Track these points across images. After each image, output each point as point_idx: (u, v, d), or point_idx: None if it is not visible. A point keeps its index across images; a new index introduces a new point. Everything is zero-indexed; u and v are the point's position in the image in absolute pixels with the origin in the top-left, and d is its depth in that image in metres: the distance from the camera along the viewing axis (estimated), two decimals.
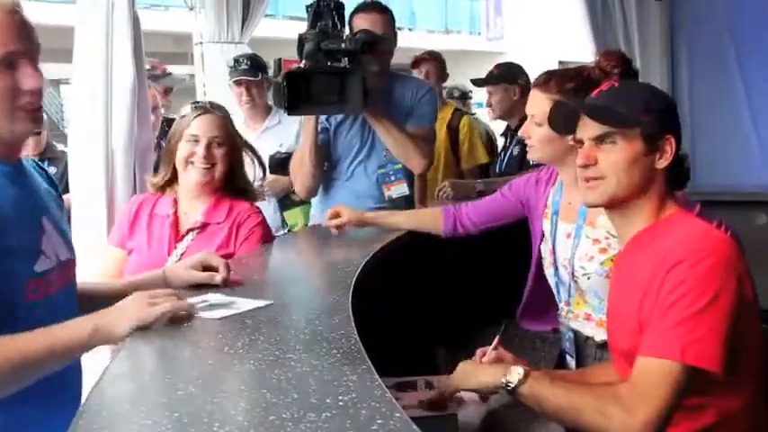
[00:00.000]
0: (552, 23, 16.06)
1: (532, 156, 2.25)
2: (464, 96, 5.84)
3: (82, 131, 2.85)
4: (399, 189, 3.05)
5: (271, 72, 5.63)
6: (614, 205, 1.65)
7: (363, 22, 2.93)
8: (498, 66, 4.22)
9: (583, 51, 4.98)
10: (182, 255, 2.27)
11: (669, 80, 4.89)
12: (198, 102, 2.49)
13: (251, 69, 3.78)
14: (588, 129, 1.64)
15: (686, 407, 1.48)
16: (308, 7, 2.82)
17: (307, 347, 1.31)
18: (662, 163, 1.60)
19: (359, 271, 1.87)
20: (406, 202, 3.10)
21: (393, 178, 3.05)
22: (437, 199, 3.48)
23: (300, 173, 3.02)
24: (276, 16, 13.92)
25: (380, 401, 1.06)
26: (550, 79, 2.14)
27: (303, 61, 2.75)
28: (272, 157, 3.44)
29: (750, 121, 4.80)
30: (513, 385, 1.53)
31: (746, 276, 1.52)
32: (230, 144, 2.39)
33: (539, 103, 2.13)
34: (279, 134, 3.72)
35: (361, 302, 1.63)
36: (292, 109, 2.75)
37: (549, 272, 2.29)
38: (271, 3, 5.79)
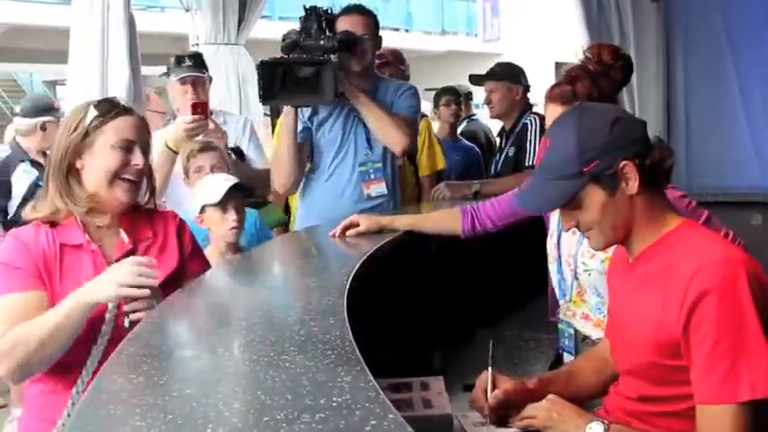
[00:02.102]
0: (549, 25, 16.08)
1: None
2: (466, 97, 5.77)
3: None
4: (378, 188, 3.06)
5: None
6: (617, 243, 1.66)
7: (344, 24, 3.00)
8: (500, 64, 4.17)
9: (579, 52, 4.98)
10: None
11: (665, 81, 4.89)
12: (108, 99, 2.05)
13: (195, 66, 3.57)
14: None
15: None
16: (300, 18, 2.89)
17: (301, 349, 1.31)
18: (632, 188, 1.55)
19: (354, 272, 1.87)
20: (393, 205, 3.12)
21: (372, 177, 3.06)
22: (433, 201, 3.48)
23: (279, 171, 3.05)
24: (272, 17, 13.93)
25: (374, 403, 1.06)
26: (565, 90, 2.12)
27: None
28: None
29: (745, 121, 4.81)
30: None
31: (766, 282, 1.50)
32: (150, 153, 2.03)
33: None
34: None
35: (357, 303, 1.63)
36: (267, 98, 2.83)
37: (551, 267, 2.29)
38: (267, 4, 5.80)
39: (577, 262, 2.14)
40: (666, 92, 4.84)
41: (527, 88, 3.99)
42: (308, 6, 2.89)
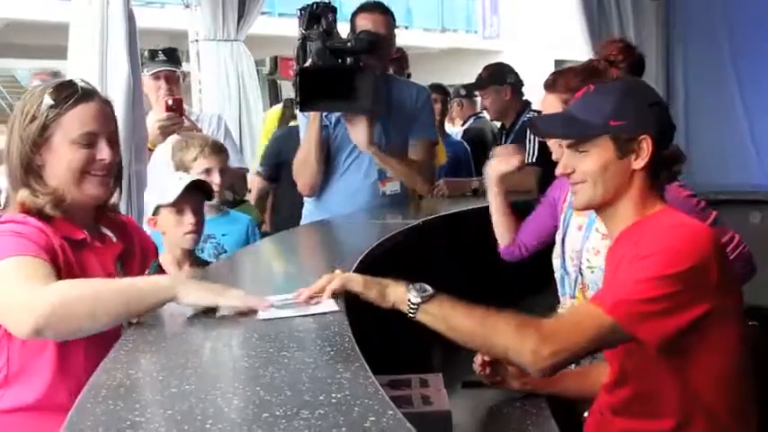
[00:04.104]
0: (548, 22, 16.07)
1: (555, 157, 2.25)
2: (471, 95, 5.76)
3: None
4: (393, 186, 3.09)
5: (266, 70, 5.64)
6: (597, 208, 1.68)
7: (366, 23, 2.96)
8: (486, 68, 4.20)
9: (579, 50, 4.98)
10: None
11: (664, 79, 4.89)
12: (66, 82, 1.72)
13: (169, 61, 3.45)
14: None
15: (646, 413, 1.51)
16: (301, 10, 2.85)
17: (300, 345, 1.31)
18: (639, 163, 1.59)
19: (353, 268, 1.87)
20: (403, 200, 3.12)
21: (389, 174, 3.07)
22: (432, 198, 3.48)
23: (305, 172, 3.05)
24: (272, 14, 13.91)
25: (373, 399, 1.06)
26: (557, 79, 2.17)
27: (310, 60, 2.80)
28: None
29: (745, 120, 4.81)
30: (418, 303, 1.50)
31: (718, 266, 1.51)
32: (119, 142, 1.80)
33: (550, 105, 2.16)
34: None
35: (357, 300, 1.63)
36: (305, 106, 2.81)
37: (555, 262, 2.30)
38: (266, 0, 5.80)
39: (582, 258, 2.15)
40: (666, 90, 4.84)
41: (516, 85, 4.01)
42: (318, 2, 2.85)
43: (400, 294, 1.52)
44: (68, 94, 1.65)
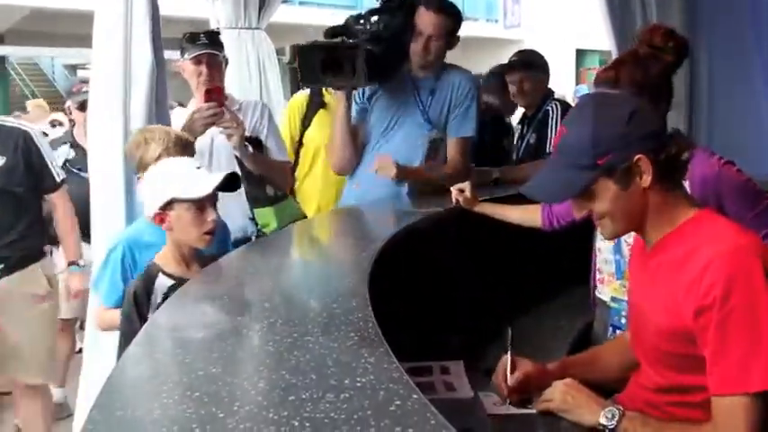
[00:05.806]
0: (569, 11, 15.96)
1: None
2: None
3: (101, 116, 2.87)
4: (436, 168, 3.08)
5: (287, 58, 5.64)
6: (628, 232, 1.67)
7: (419, 19, 3.05)
8: (527, 52, 4.11)
9: (600, 39, 4.94)
10: None
11: (688, 68, 4.84)
12: None
13: (210, 45, 3.15)
14: None
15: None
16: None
17: (324, 330, 1.33)
18: (645, 182, 1.52)
19: (376, 255, 1.88)
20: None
21: (431, 154, 3.08)
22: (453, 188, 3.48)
23: (332, 152, 3.11)
24: (293, 2, 13.92)
25: (398, 384, 1.07)
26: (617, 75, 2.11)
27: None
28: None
29: (767, 110, 4.75)
30: (611, 428, 1.55)
31: None
32: None
33: None
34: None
35: (378, 287, 1.64)
36: (307, 81, 3.05)
37: (606, 245, 2.28)
38: None
39: None
40: (689, 81, 4.79)
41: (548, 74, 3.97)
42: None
43: (593, 419, 1.59)
44: None
